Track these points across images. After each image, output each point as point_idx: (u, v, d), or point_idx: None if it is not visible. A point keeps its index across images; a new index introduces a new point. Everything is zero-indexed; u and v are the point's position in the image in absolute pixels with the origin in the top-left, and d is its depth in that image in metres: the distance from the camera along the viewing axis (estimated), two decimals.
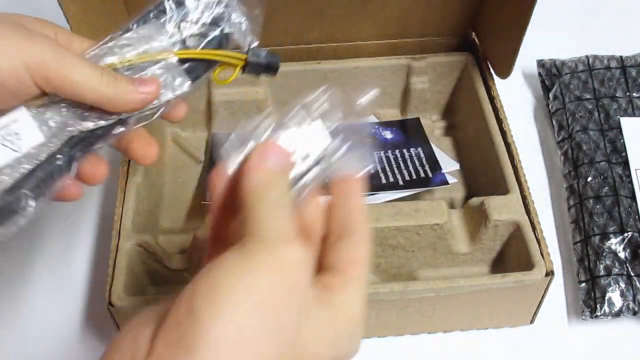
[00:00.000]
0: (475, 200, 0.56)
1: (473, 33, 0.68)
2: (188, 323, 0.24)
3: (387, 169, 0.62)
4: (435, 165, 0.62)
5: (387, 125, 0.68)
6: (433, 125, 0.70)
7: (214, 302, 0.24)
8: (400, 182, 0.60)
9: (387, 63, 0.67)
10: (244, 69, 0.41)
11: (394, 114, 0.70)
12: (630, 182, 0.61)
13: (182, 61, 0.40)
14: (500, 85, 0.64)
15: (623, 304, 0.55)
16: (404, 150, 0.64)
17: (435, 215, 0.54)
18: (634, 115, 0.66)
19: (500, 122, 0.61)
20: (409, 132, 0.67)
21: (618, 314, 0.55)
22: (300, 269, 0.28)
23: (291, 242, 0.28)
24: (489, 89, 0.64)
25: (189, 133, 0.70)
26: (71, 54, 0.36)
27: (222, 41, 0.40)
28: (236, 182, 0.31)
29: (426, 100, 0.69)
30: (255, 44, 0.41)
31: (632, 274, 0.56)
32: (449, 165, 0.64)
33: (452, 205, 0.62)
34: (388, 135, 0.67)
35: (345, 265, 0.31)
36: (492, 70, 0.65)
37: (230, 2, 0.40)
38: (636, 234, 0.58)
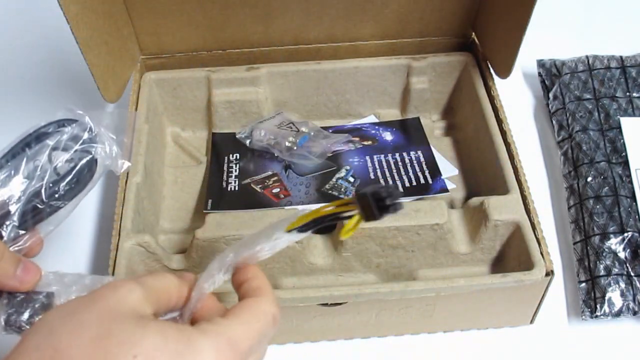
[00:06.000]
0: (475, 200, 0.56)
1: (473, 33, 0.68)
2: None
3: (387, 174, 0.62)
4: (435, 170, 0.62)
5: (387, 125, 0.68)
6: (433, 125, 0.70)
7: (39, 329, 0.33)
8: (400, 189, 0.60)
9: (387, 63, 0.67)
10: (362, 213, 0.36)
11: (394, 114, 0.70)
12: (630, 182, 0.61)
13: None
14: (500, 85, 0.64)
15: (623, 304, 0.55)
16: (404, 154, 0.64)
17: (435, 215, 0.54)
18: (634, 115, 0.66)
19: (500, 122, 0.61)
20: (409, 132, 0.67)
21: (618, 314, 0.55)
22: (111, 289, 0.34)
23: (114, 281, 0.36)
24: (489, 89, 0.64)
25: (189, 133, 0.70)
26: None
27: (92, 167, 0.43)
28: None
29: (426, 100, 0.69)
30: (128, 165, 0.45)
31: (632, 274, 0.56)
32: (448, 170, 0.64)
33: (452, 205, 0.62)
34: (388, 137, 0.67)
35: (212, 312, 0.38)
36: (492, 70, 0.65)
37: (98, 130, 0.43)
38: (636, 234, 0.58)
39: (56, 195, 0.42)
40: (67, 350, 0.31)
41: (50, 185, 0.42)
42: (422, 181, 0.61)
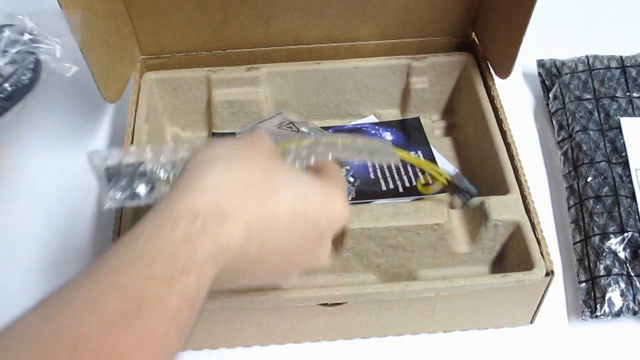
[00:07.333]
0: (475, 200, 0.56)
1: (473, 33, 0.68)
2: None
3: (387, 174, 0.62)
4: None
5: (387, 125, 0.68)
6: (433, 125, 0.70)
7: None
8: (400, 189, 0.60)
9: (387, 63, 0.67)
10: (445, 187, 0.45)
11: (394, 114, 0.70)
12: (630, 182, 0.61)
13: None
14: (500, 85, 0.64)
15: (623, 304, 0.55)
16: None
17: (435, 215, 0.54)
18: (634, 115, 0.66)
19: (500, 122, 0.61)
20: (409, 132, 0.67)
21: (618, 314, 0.55)
22: (259, 136, 0.39)
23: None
24: (489, 89, 0.64)
25: (189, 133, 0.70)
26: None
27: (37, 67, 0.44)
28: None
29: (426, 100, 0.69)
30: (75, 69, 0.45)
31: (632, 274, 0.56)
32: (448, 170, 0.64)
33: (452, 205, 0.62)
34: (388, 137, 0.67)
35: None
36: (492, 70, 0.65)
37: (40, 31, 0.43)
38: (636, 234, 0.58)
39: (1, 96, 0.42)
40: (249, 178, 0.35)
41: None
42: (422, 181, 0.61)
